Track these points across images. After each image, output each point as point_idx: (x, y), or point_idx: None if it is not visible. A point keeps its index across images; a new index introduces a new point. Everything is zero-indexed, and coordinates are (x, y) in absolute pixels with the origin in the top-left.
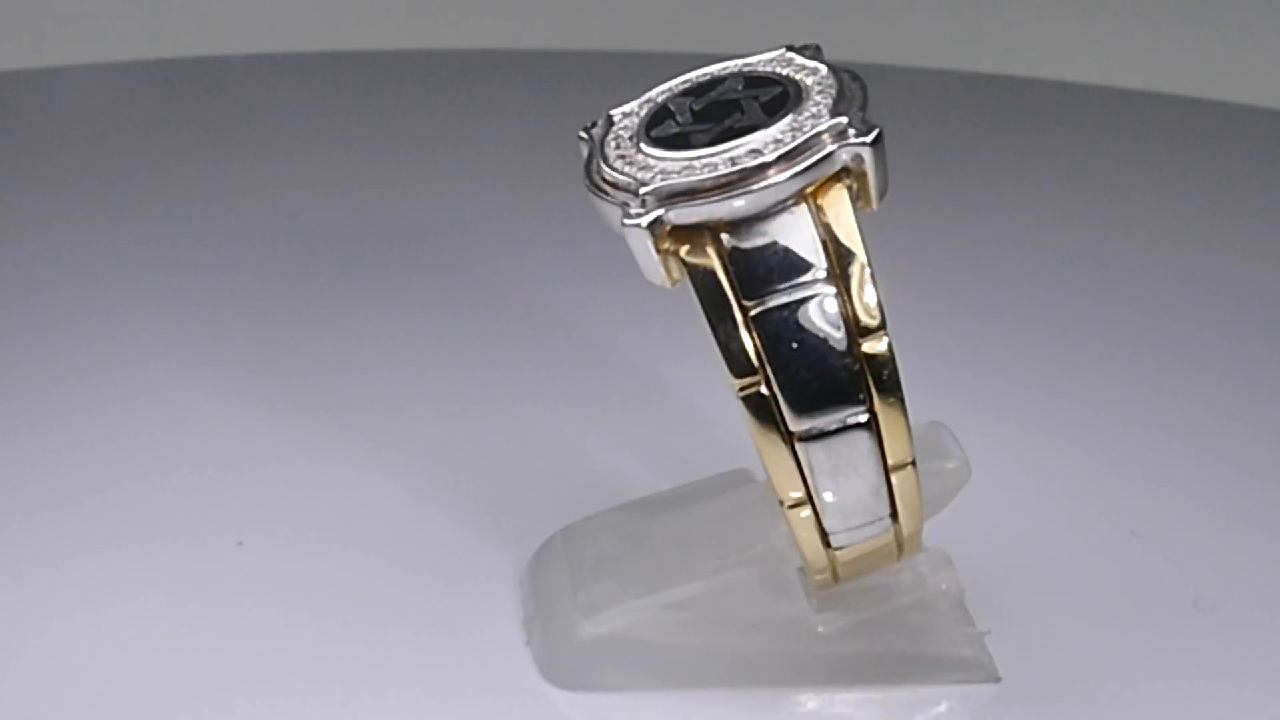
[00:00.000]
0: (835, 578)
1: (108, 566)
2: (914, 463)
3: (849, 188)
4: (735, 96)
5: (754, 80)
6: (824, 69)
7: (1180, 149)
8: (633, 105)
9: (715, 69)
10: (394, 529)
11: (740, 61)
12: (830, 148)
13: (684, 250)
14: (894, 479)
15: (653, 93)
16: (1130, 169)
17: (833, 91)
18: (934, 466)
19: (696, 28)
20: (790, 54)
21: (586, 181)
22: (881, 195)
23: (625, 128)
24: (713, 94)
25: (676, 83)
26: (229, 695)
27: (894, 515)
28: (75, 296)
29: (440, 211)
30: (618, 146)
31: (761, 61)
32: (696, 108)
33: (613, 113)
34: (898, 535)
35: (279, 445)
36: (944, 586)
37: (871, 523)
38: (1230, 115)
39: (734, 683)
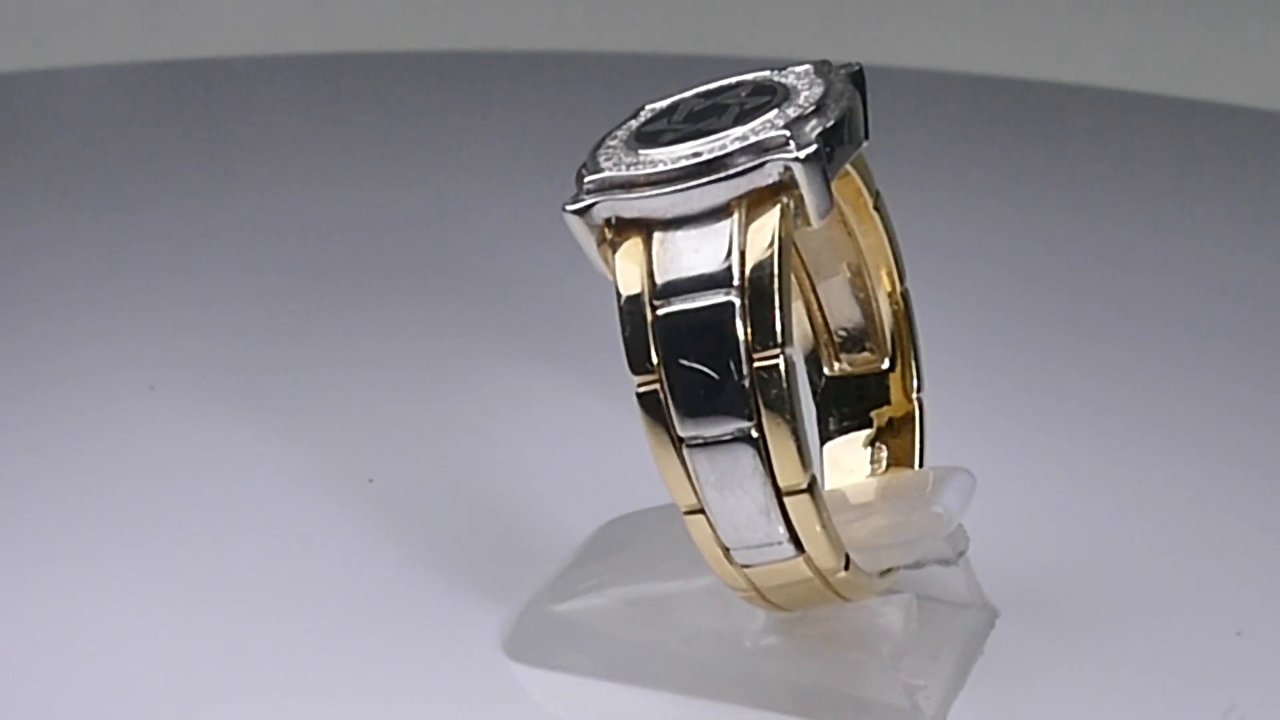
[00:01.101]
0: (766, 601)
1: (97, 568)
2: (811, 490)
3: (785, 204)
4: (729, 101)
5: (759, 87)
6: (831, 84)
7: (1180, 150)
8: (663, 103)
9: (749, 76)
10: (396, 530)
11: (771, 70)
12: (760, 159)
13: (618, 244)
14: (787, 503)
15: (686, 93)
16: (1131, 170)
17: (810, 105)
18: (911, 506)
19: (698, 29)
20: (822, 67)
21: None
22: (822, 215)
23: (636, 122)
24: (718, 98)
25: (707, 85)
26: (208, 694)
27: (798, 543)
28: (75, 297)
29: (440, 212)
30: (614, 140)
31: (786, 70)
32: (696, 109)
33: (644, 106)
34: (814, 568)
35: (280, 443)
36: (891, 628)
37: (769, 545)
38: (1230, 117)
39: (668, 685)
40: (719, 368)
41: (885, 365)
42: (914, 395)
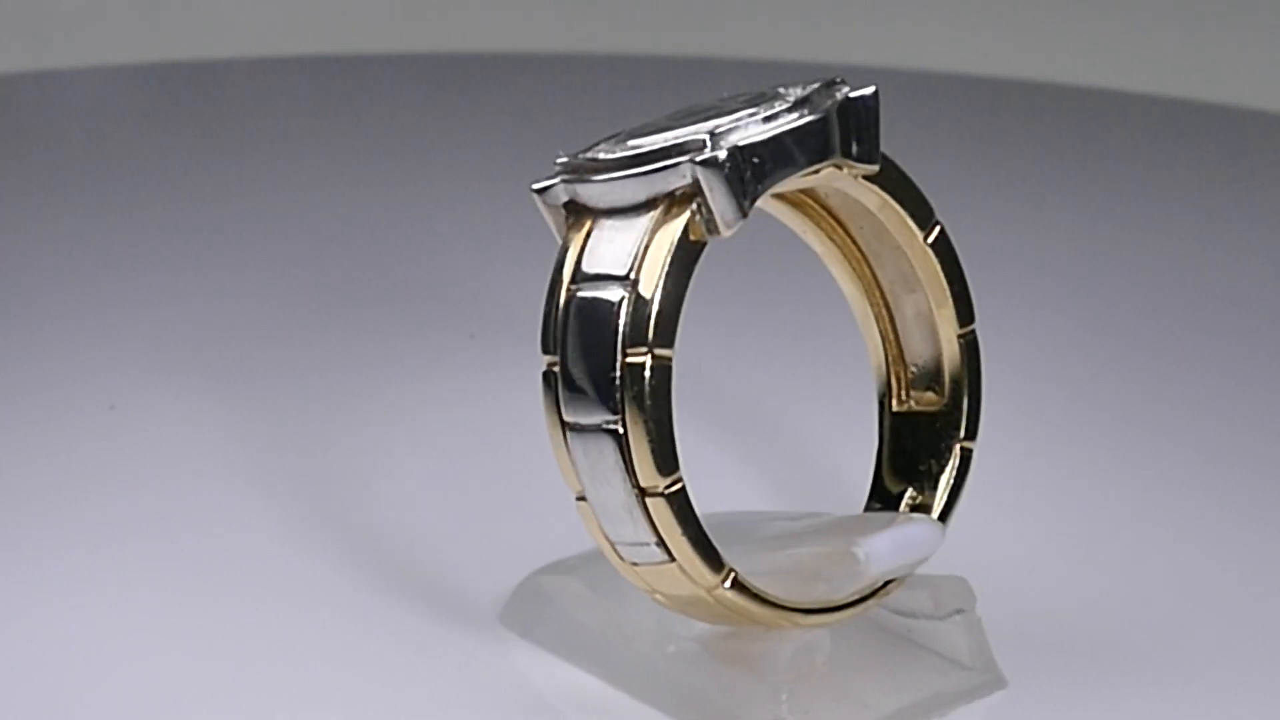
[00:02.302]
0: (682, 610)
1: (90, 569)
2: (669, 495)
3: (695, 208)
4: (722, 103)
5: (758, 95)
6: (812, 101)
7: (1181, 152)
8: (707, 100)
9: (770, 86)
10: (395, 532)
11: (790, 84)
12: (673, 160)
13: (572, 226)
14: (649, 504)
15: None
16: (1130, 171)
17: (769, 113)
18: (835, 542)
19: (700, 31)
20: (828, 86)
21: None
22: (728, 224)
23: (666, 113)
24: (723, 101)
25: (746, 90)
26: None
27: (667, 549)
28: (75, 298)
29: (440, 213)
30: (630, 128)
31: (797, 84)
32: (696, 109)
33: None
34: (689, 578)
35: (279, 442)
36: (778, 660)
37: (640, 545)
38: (1230, 118)
39: (595, 671)
40: (598, 359)
41: (943, 408)
42: (958, 443)
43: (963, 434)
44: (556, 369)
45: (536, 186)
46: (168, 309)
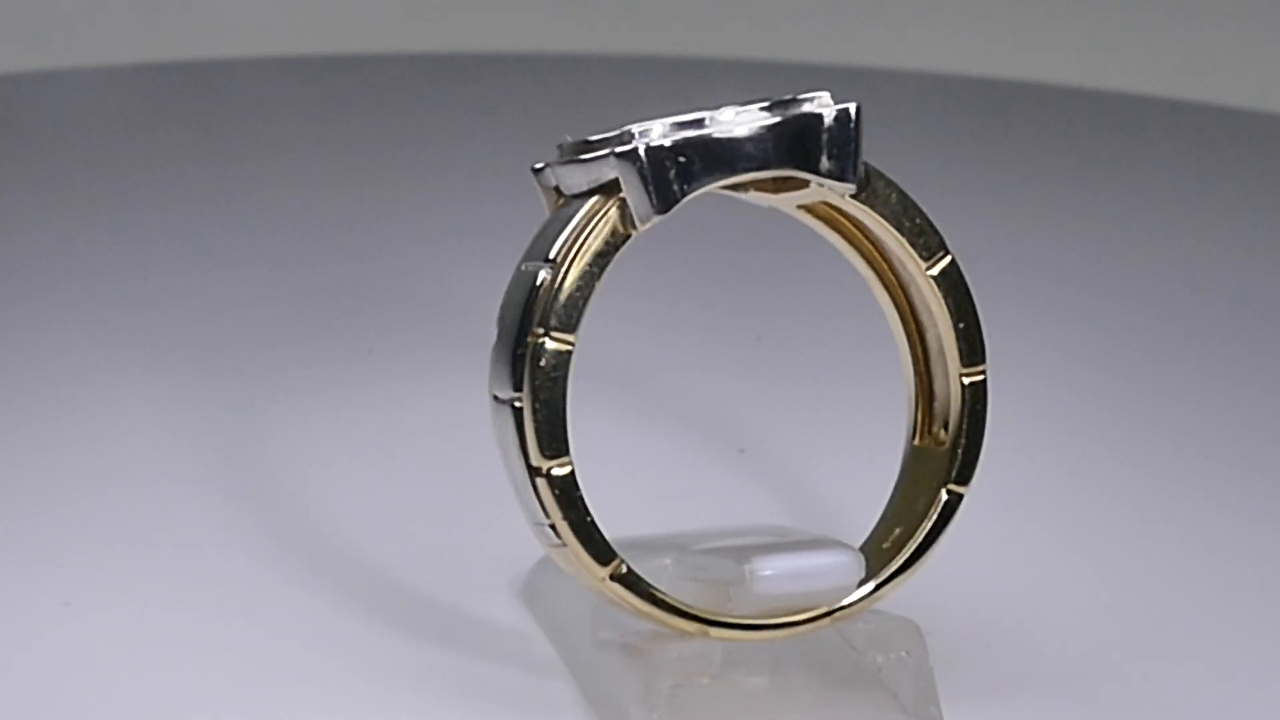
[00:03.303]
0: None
1: (51, 574)
2: (550, 477)
3: (622, 199)
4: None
5: (763, 100)
6: (793, 110)
7: (1180, 153)
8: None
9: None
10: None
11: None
12: (605, 150)
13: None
14: (538, 484)
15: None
16: (1128, 172)
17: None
18: (732, 553)
19: (701, 31)
20: (815, 98)
21: None
22: (642, 218)
23: None
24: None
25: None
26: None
27: (558, 533)
28: (75, 298)
29: (442, 213)
30: None
31: (799, 93)
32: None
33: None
34: (586, 569)
35: (279, 439)
36: (666, 662)
37: (539, 525)
38: (1228, 119)
39: (549, 656)
40: (511, 335)
41: (947, 449)
42: (944, 487)
43: (953, 477)
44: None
45: (534, 166)
46: (167, 309)
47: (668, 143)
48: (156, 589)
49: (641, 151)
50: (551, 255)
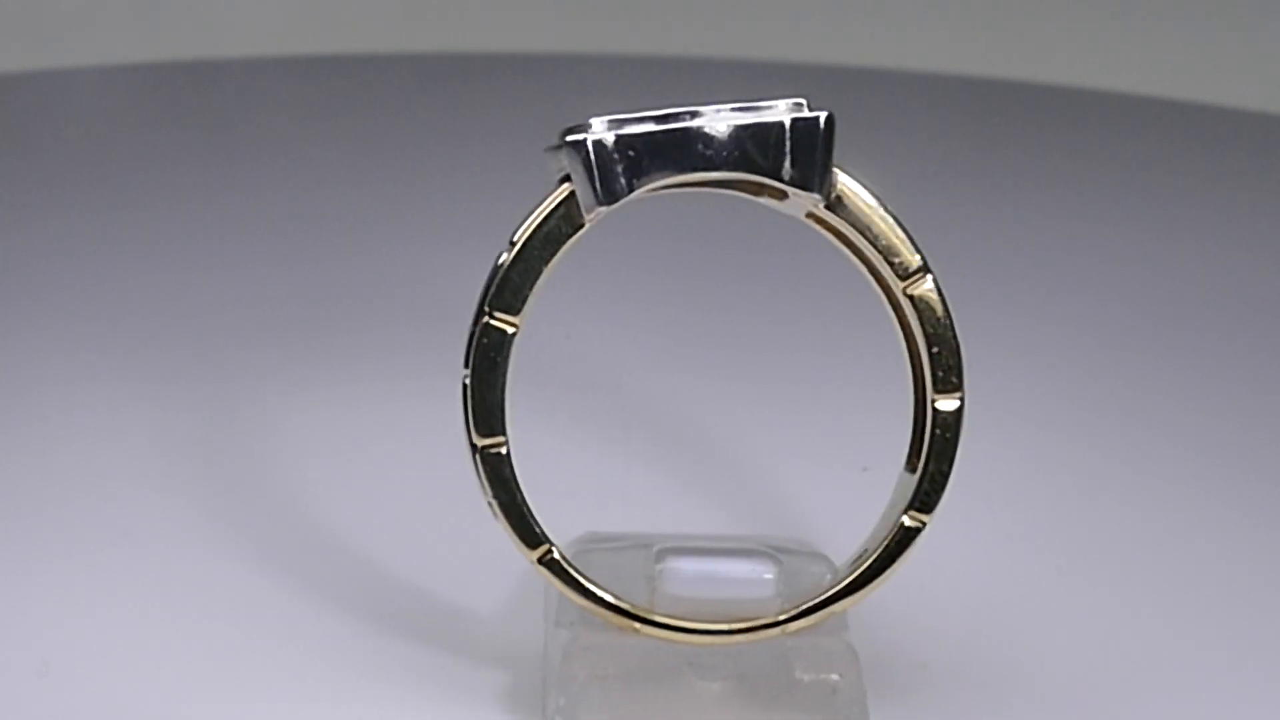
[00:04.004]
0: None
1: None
2: (484, 454)
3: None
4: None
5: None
6: (758, 115)
7: (1178, 153)
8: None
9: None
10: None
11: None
12: (562, 141)
13: None
14: (477, 460)
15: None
16: (1126, 173)
17: (742, 116)
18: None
19: (701, 31)
20: (784, 104)
21: None
22: (587, 207)
23: None
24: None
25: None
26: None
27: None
28: (75, 297)
29: (441, 213)
30: None
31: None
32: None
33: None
34: (518, 549)
35: (273, 438)
36: (574, 653)
37: (489, 502)
38: (1227, 119)
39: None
40: (474, 312)
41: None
42: (902, 514)
43: (915, 505)
44: None
45: (545, 148)
46: (167, 308)
47: (614, 136)
48: (137, 591)
49: (589, 143)
50: (514, 238)
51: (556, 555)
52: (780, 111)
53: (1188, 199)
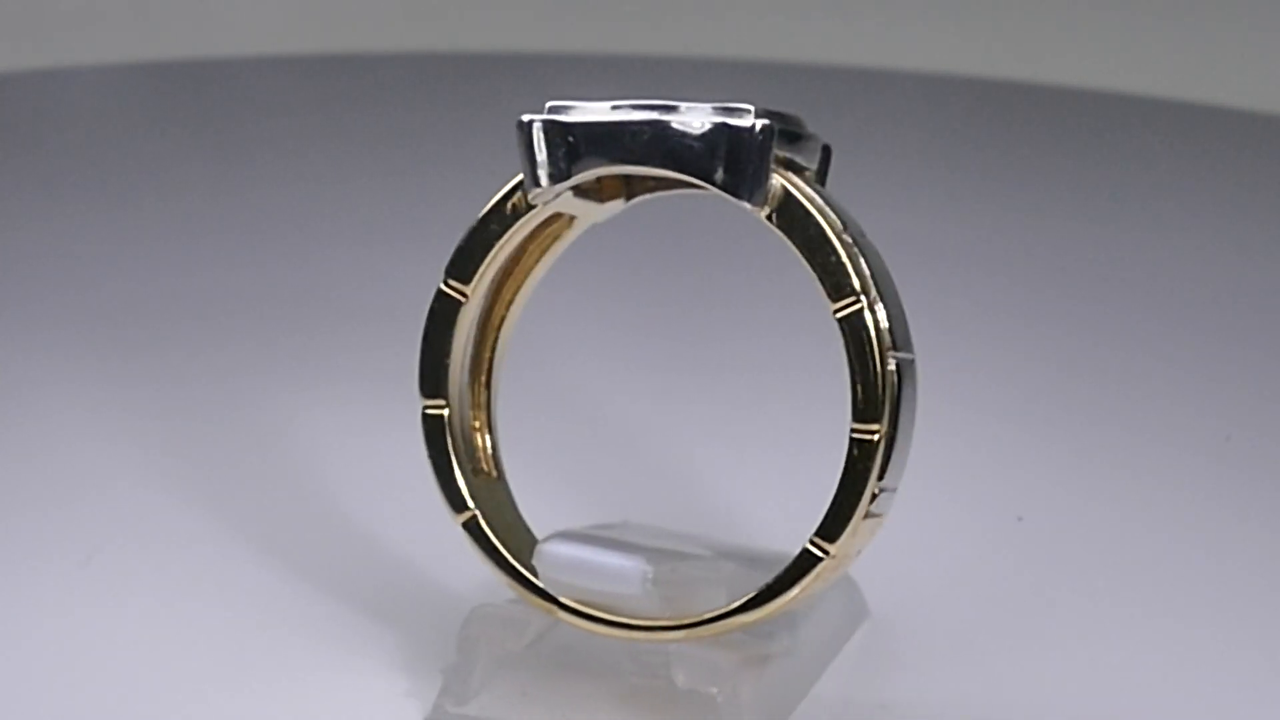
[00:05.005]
0: None
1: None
2: (424, 414)
3: None
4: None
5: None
6: (693, 117)
7: (1175, 153)
8: None
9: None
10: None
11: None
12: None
13: None
14: (420, 418)
15: None
16: (1123, 173)
17: (701, 116)
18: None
19: (701, 31)
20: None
21: None
22: (527, 189)
23: None
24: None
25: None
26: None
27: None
28: (75, 295)
29: (441, 213)
30: None
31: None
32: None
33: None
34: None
35: (280, 433)
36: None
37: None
38: (1225, 119)
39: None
40: None
41: None
42: (809, 540)
43: (817, 532)
44: None
45: None
46: (167, 307)
47: (553, 122)
48: (123, 584)
49: (530, 126)
50: (482, 213)
51: (480, 522)
52: (717, 115)
53: (1188, 199)
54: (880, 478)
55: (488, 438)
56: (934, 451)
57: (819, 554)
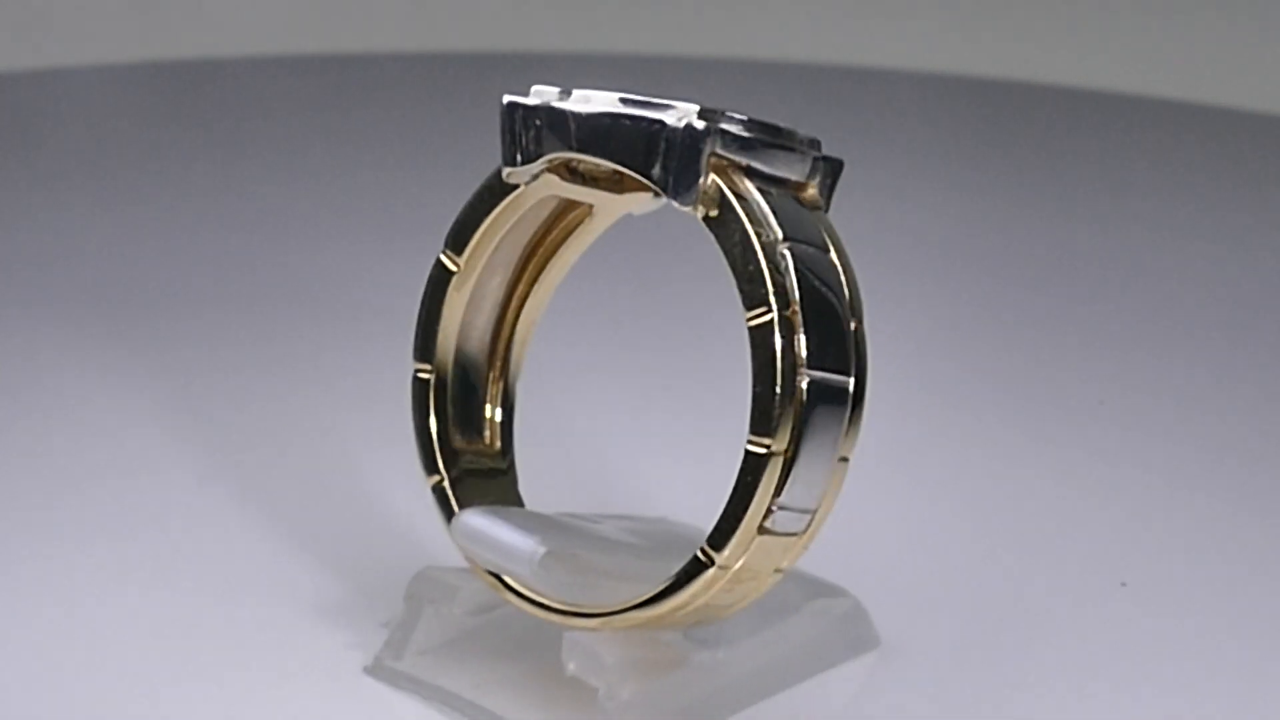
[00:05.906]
0: None
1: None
2: (414, 376)
3: None
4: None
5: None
6: (672, 122)
7: (1173, 153)
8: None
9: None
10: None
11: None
12: None
13: None
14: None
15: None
16: (1120, 173)
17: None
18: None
19: (701, 31)
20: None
21: None
22: (502, 167)
23: None
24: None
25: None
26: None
27: None
28: (75, 294)
29: (441, 213)
30: None
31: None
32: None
33: None
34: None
35: (281, 431)
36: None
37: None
38: (1223, 120)
39: None
40: None
41: None
42: (698, 548)
43: (708, 539)
44: None
45: None
46: (166, 306)
47: (526, 104)
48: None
49: (508, 106)
50: (477, 188)
51: (445, 487)
52: (663, 113)
53: (1188, 199)
54: (777, 495)
55: (498, 410)
56: (956, 474)
57: (704, 561)
